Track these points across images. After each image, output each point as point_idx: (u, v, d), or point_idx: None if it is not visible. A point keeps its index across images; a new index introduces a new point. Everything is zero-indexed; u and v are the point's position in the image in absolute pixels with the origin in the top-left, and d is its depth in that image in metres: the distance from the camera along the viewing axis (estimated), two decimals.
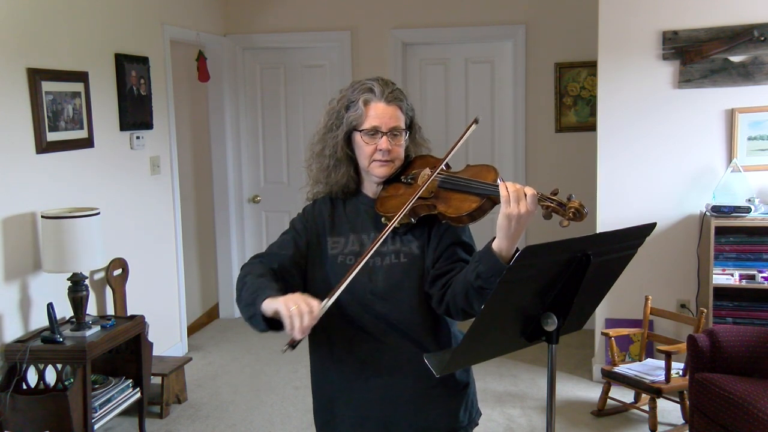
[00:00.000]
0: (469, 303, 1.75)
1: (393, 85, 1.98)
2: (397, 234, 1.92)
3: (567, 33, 5.55)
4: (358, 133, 1.92)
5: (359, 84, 1.95)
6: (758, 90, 4.25)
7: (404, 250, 1.91)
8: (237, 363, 5.12)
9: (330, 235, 1.97)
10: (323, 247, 1.96)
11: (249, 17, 5.95)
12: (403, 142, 1.96)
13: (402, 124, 1.95)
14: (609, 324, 4.53)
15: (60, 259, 3.49)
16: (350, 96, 1.94)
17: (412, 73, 5.90)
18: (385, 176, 1.94)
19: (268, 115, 6.12)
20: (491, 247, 1.72)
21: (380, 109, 1.91)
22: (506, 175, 5.84)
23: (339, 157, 1.94)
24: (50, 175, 3.80)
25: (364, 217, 1.97)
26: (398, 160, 1.95)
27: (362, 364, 1.93)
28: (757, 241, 4.10)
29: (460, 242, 1.91)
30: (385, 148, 1.90)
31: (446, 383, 1.95)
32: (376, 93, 1.92)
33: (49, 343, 3.44)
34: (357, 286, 1.86)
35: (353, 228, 1.96)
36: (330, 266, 1.93)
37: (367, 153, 1.92)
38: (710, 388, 3.31)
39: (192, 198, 5.85)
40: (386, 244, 1.90)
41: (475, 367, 2.09)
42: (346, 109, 1.93)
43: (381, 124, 1.91)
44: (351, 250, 1.93)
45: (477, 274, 1.71)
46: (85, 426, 3.41)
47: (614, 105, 4.46)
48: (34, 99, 3.65)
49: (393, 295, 1.89)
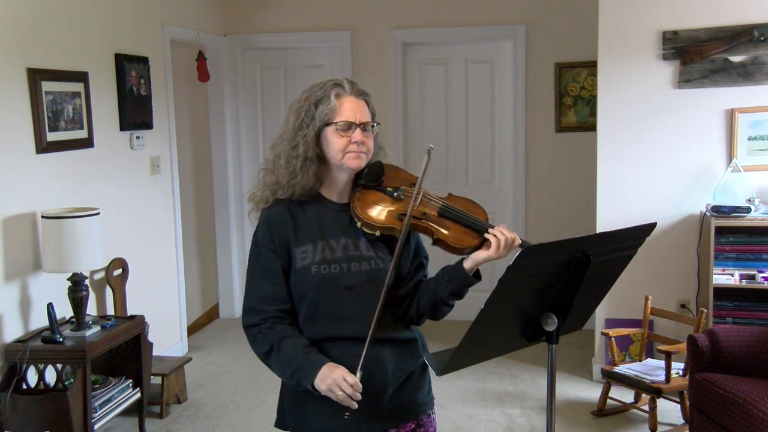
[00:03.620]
0: (435, 314, 1.98)
1: (357, 84, 2.01)
2: (370, 241, 1.96)
3: (567, 33, 5.55)
4: (331, 127, 1.92)
5: (325, 82, 1.98)
6: (758, 90, 4.25)
7: (380, 257, 1.95)
8: (237, 363, 5.12)
9: (296, 245, 1.94)
10: (292, 260, 1.94)
11: (249, 17, 5.95)
12: (372, 137, 1.97)
13: (371, 119, 1.98)
14: (609, 324, 4.53)
15: (60, 259, 3.49)
16: (318, 93, 1.95)
17: (412, 73, 5.90)
18: (359, 168, 1.95)
19: (268, 115, 6.12)
20: (463, 267, 1.91)
21: (352, 103, 1.94)
22: (506, 174, 5.85)
23: (310, 156, 1.93)
24: (50, 175, 3.80)
25: (331, 222, 1.97)
26: (370, 153, 1.97)
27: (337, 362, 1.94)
28: (757, 241, 4.10)
29: (425, 257, 2.08)
30: (360, 139, 1.92)
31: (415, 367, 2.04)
32: (346, 88, 1.95)
33: (49, 343, 3.44)
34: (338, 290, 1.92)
35: (320, 234, 1.95)
36: (302, 278, 1.92)
37: (341, 146, 1.92)
38: (710, 388, 3.31)
39: (192, 198, 5.84)
40: (365, 249, 1.95)
41: (475, 367, 2.11)
42: (316, 105, 1.94)
43: (354, 117, 1.92)
44: (322, 257, 1.92)
45: (450, 291, 1.92)
46: (85, 426, 3.41)
47: (614, 105, 4.46)
48: (34, 99, 3.65)
49: (366, 298, 1.92)
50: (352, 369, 1.85)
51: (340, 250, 1.94)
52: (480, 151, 5.90)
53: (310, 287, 1.92)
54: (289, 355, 1.89)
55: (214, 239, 6.12)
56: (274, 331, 1.93)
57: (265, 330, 1.93)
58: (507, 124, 5.81)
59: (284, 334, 1.92)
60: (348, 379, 1.81)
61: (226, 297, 6.20)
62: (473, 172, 5.92)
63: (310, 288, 1.92)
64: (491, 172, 5.91)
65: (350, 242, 1.95)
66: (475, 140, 5.90)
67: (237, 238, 6.12)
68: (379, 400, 1.96)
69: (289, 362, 1.89)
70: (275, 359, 1.92)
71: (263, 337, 1.94)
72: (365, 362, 1.85)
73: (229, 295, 6.19)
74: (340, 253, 1.93)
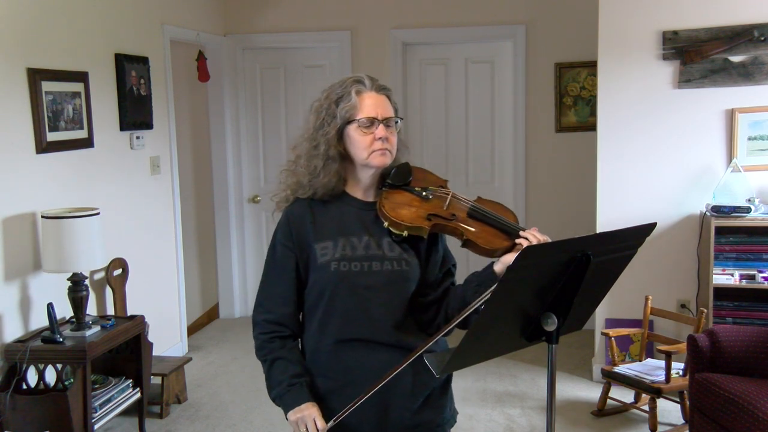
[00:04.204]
0: (464, 321, 1.86)
1: (378, 79, 1.98)
2: (395, 242, 1.92)
3: (567, 33, 5.55)
4: (353, 124, 1.89)
5: (345, 79, 1.94)
6: (758, 90, 4.25)
7: (404, 258, 1.91)
8: (237, 363, 5.12)
9: (316, 242, 1.92)
10: (312, 256, 1.92)
11: (249, 17, 5.95)
12: (396, 133, 1.95)
13: (393, 114, 1.95)
14: (609, 324, 4.53)
15: (60, 259, 3.49)
16: (339, 90, 1.92)
17: (412, 73, 5.90)
18: (384, 165, 1.92)
19: (268, 115, 6.12)
20: (493, 271, 1.89)
21: (374, 98, 1.90)
22: (506, 174, 5.85)
23: (332, 155, 1.90)
24: (50, 175, 3.80)
25: (353, 220, 1.94)
26: (394, 150, 1.94)
27: (349, 370, 1.93)
28: (757, 241, 4.10)
29: (453, 264, 2.04)
30: (383, 135, 1.89)
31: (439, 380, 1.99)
32: (366, 84, 1.92)
33: (49, 343, 3.44)
34: (356, 288, 1.88)
35: (340, 231, 1.92)
36: (321, 274, 1.90)
37: (365, 144, 1.89)
38: (710, 388, 3.31)
39: (192, 198, 5.84)
40: (388, 249, 1.91)
41: (475, 367, 2.11)
42: (337, 103, 1.90)
43: (376, 113, 1.89)
44: (342, 254, 1.89)
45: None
46: (85, 426, 3.41)
47: (614, 105, 4.46)
48: (34, 99, 3.65)
49: (386, 300, 1.90)
50: (367, 376, 1.85)
51: (361, 248, 1.90)
52: (480, 151, 5.90)
53: (328, 284, 1.89)
54: (277, 380, 1.94)
55: (214, 239, 6.12)
56: (271, 346, 1.97)
57: (264, 342, 1.98)
58: (507, 124, 5.81)
59: (277, 355, 1.95)
60: (318, 424, 1.86)
61: (226, 297, 6.20)
62: (473, 172, 5.92)
63: (328, 285, 1.89)
64: (491, 172, 5.91)
65: (373, 241, 1.91)
66: (475, 140, 5.90)
67: (237, 238, 6.12)
68: (397, 421, 1.94)
69: (275, 384, 1.94)
70: (265, 375, 1.98)
71: (260, 345, 1.99)
72: (346, 417, 1.85)
73: (229, 295, 6.19)
74: (362, 251, 1.90)
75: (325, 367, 1.95)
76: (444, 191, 1.97)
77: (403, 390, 1.92)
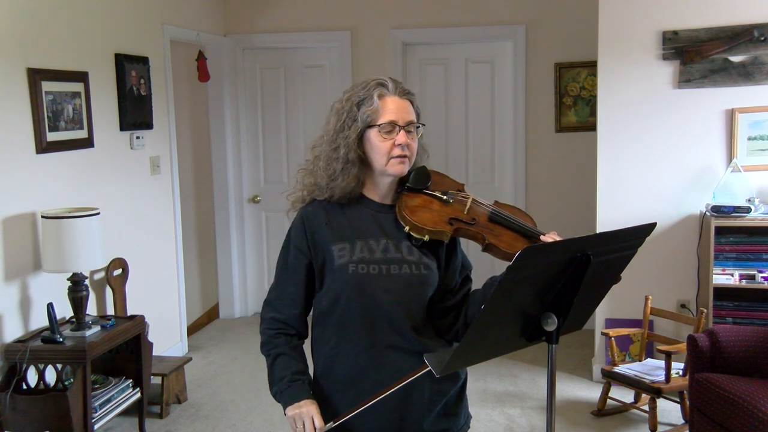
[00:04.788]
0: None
1: (402, 83, 1.95)
2: (414, 246, 1.90)
3: (567, 33, 5.55)
4: (374, 129, 1.86)
5: (368, 81, 1.91)
6: (758, 90, 4.25)
7: (424, 262, 1.90)
8: (237, 363, 5.12)
9: (333, 243, 1.89)
10: (329, 257, 1.89)
11: (249, 17, 5.95)
12: (417, 139, 1.92)
13: (415, 119, 1.92)
14: (609, 324, 4.53)
15: (60, 259, 3.49)
16: (361, 93, 1.89)
17: (412, 73, 5.90)
18: (402, 174, 1.90)
19: (268, 115, 6.12)
20: None
21: (396, 103, 1.87)
22: (506, 174, 5.85)
23: (351, 159, 1.87)
24: (50, 175, 3.80)
25: (370, 222, 1.91)
26: (413, 157, 1.92)
27: (366, 375, 1.91)
28: (757, 241, 4.10)
29: (470, 271, 2.03)
30: (404, 142, 1.86)
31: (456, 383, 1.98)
32: (389, 88, 1.88)
33: (49, 343, 3.44)
34: (375, 292, 1.87)
35: (358, 233, 1.90)
36: (338, 276, 1.88)
37: (385, 150, 1.86)
38: (710, 388, 3.31)
39: (192, 198, 5.84)
40: (407, 253, 1.89)
41: (475, 367, 2.10)
42: (358, 106, 1.87)
43: (398, 118, 1.86)
44: (360, 257, 1.87)
45: None
46: (85, 426, 3.41)
47: (614, 105, 4.46)
48: (34, 99, 3.65)
49: (404, 304, 1.88)
50: (384, 381, 1.83)
51: (379, 251, 1.88)
52: (480, 151, 5.90)
53: (345, 286, 1.87)
54: (279, 375, 1.94)
55: (214, 239, 6.12)
56: (276, 341, 1.96)
57: (270, 338, 1.98)
58: (507, 124, 5.81)
59: (281, 351, 1.95)
60: (315, 422, 1.85)
61: (226, 297, 6.20)
62: (473, 172, 5.92)
63: (345, 287, 1.87)
64: (491, 172, 5.91)
65: (391, 244, 1.89)
66: (475, 140, 5.90)
67: (237, 239, 6.12)
68: (413, 429, 1.92)
69: (277, 380, 1.94)
70: (268, 370, 1.97)
71: (266, 340, 1.99)
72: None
73: (229, 295, 6.19)
74: (380, 254, 1.88)
75: (341, 372, 1.93)
76: (463, 195, 1.96)
77: (419, 398, 1.90)
